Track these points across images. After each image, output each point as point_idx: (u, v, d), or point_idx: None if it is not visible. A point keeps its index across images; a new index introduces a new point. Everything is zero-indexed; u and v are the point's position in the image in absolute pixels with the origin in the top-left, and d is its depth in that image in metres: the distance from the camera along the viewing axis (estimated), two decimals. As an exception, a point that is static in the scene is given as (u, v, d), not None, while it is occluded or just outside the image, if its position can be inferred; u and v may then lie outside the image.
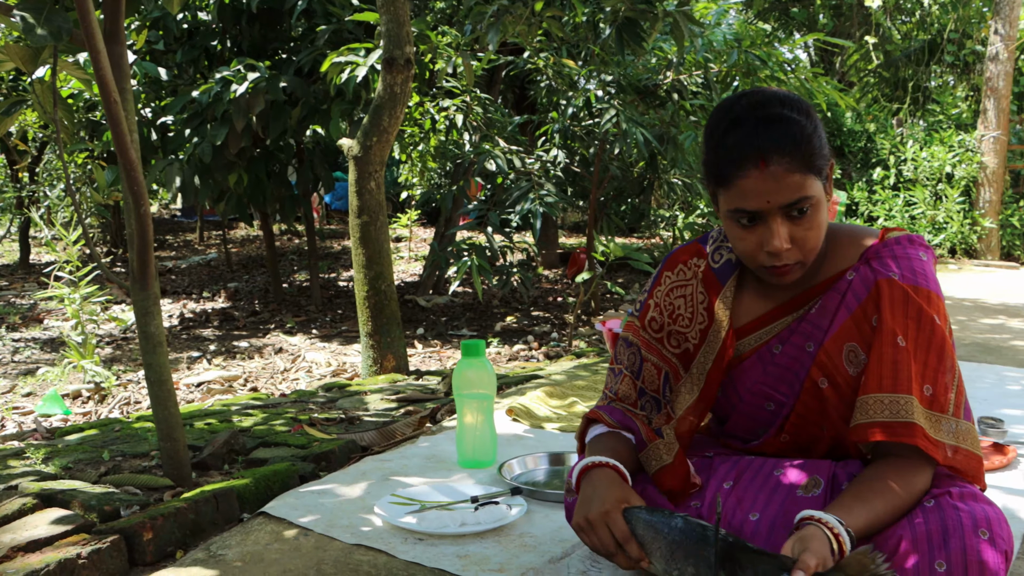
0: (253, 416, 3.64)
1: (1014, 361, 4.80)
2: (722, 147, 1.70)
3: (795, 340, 1.84)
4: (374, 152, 4.46)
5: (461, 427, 2.78)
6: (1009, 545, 1.61)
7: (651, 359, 1.96)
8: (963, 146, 10.19)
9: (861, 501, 1.63)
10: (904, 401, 1.69)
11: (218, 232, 13.14)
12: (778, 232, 1.69)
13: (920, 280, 1.76)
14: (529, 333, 6.46)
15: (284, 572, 2.06)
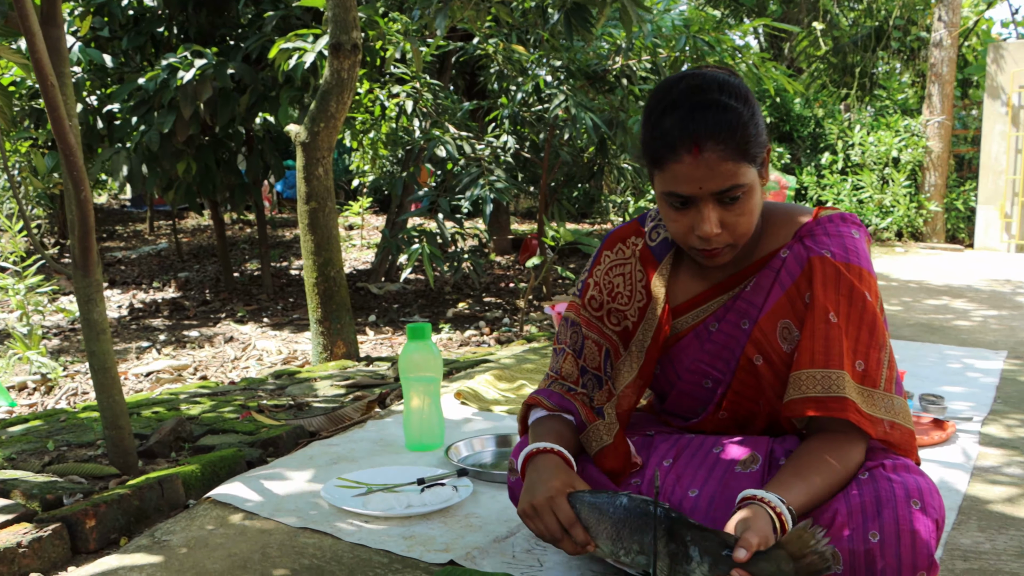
0: (201, 404, 3.63)
1: (956, 340, 4.89)
2: (657, 129, 1.71)
3: (731, 318, 1.87)
4: (322, 138, 4.44)
5: (408, 410, 2.80)
6: (940, 514, 1.66)
7: (592, 337, 1.98)
8: (909, 131, 10.34)
9: (800, 478, 1.66)
10: (836, 376, 1.72)
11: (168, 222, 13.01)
12: (709, 217, 1.71)
13: (852, 257, 1.79)
14: (481, 319, 6.48)
15: (229, 556, 2.06)
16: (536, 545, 2.11)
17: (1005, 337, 5.00)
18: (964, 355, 4.42)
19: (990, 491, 2.52)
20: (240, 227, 12.46)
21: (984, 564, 2.04)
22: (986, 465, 2.76)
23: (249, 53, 6.23)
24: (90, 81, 6.78)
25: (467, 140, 5.86)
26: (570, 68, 5.96)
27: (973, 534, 2.21)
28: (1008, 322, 5.52)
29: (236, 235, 11.65)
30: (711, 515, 1.77)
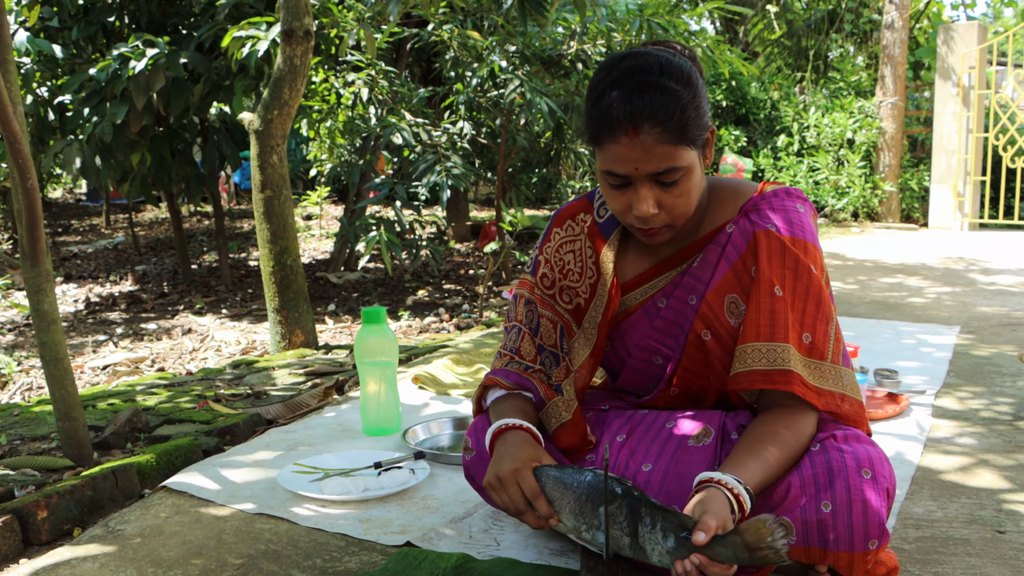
0: (158, 395, 3.60)
1: (910, 316, 4.95)
2: (597, 108, 1.70)
3: (679, 294, 1.88)
4: (275, 126, 4.41)
5: (364, 395, 2.79)
6: (891, 483, 1.68)
7: (546, 315, 1.97)
8: (863, 112, 10.43)
9: (754, 455, 1.68)
10: (781, 349, 1.73)
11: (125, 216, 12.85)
12: (645, 198, 1.71)
13: (797, 231, 1.80)
14: (440, 306, 6.47)
15: (184, 544, 2.05)
16: (494, 524, 2.11)
17: (958, 313, 5.07)
18: (918, 331, 4.48)
19: (943, 461, 2.56)
20: (198, 219, 12.34)
21: (936, 531, 2.06)
22: (939, 436, 2.80)
23: (202, 42, 6.16)
24: (40, 72, 6.68)
25: (423, 127, 5.84)
26: (525, 53, 5.95)
27: (926, 503, 2.24)
28: (961, 298, 5.60)
29: (194, 227, 11.54)
30: (664, 489, 1.78)
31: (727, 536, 1.48)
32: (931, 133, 10.03)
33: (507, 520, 2.13)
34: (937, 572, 1.85)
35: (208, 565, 1.94)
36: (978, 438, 2.77)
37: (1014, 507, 2.21)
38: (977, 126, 9.35)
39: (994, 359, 3.86)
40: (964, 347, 4.12)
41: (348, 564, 1.94)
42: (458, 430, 2.79)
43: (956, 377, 3.55)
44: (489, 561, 1.89)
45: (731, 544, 1.47)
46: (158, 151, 6.73)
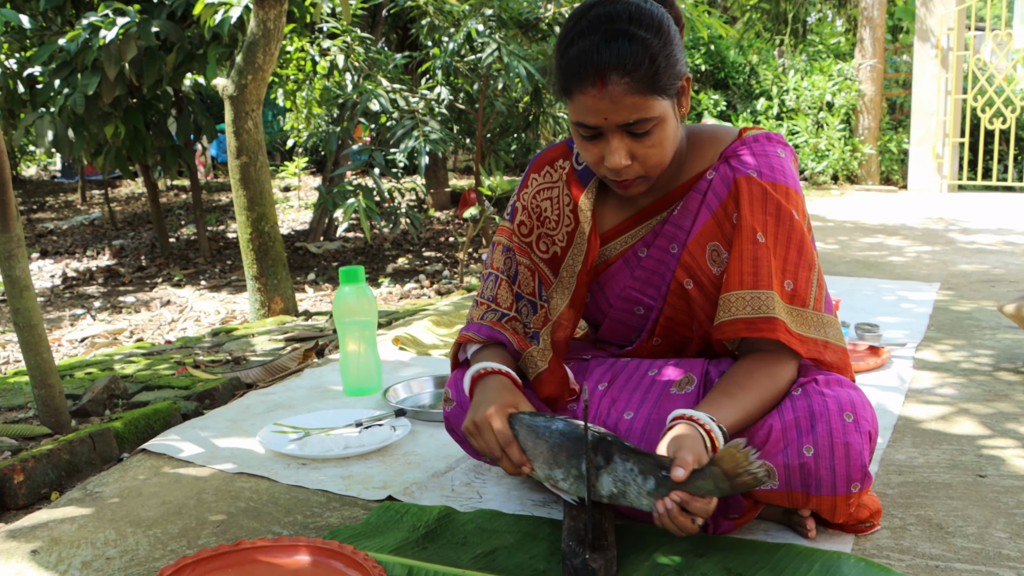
0: (136, 363, 3.57)
1: (891, 274, 4.96)
2: (564, 58, 1.66)
3: (659, 243, 1.86)
4: (250, 91, 4.36)
5: (344, 355, 2.77)
6: (873, 426, 1.67)
7: (524, 262, 1.94)
8: (842, 75, 10.41)
9: (730, 397, 1.66)
10: (765, 296, 1.72)
11: (100, 192, 12.73)
12: (616, 150, 1.67)
13: (778, 176, 1.78)
14: (421, 273, 6.44)
15: (163, 504, 2.03)
16: (476, 478, 2.10)
17: (938, 271, 5.08)
18: (899, 288, 4.48)
19: (924, 411, 2.56)
20: (175, 193, 12.24)
21: (918, 477, 2.06)
22: (920, 387, 2.80)
23: (174, 10, 6.07)
24: (8, 44, 6.58)
25: (400, 93, 5.78)
26: (502, 17, 5.89)
27: (907, 450, 2.24)
28: (941, 256, 5.61)
29: (171, 201, 11.45)
30: (647, 436, 1.77)
31: (705, 468, 1.47)
32: (910, 95, 10.02)
33: (489, 473, 2.12)
34: (920, 515, 1.85)
35: (188, 524, 1.92)
36: (958, 388, 2.78)
37: (994, 452, 2.21)
38: (956, 88, 9.35)
39: (973, 314, 3.86)
40: (944, 303, 4.12)
41: (330, 519, 1.92)
42: (439, 388, 2.78)
43: (936, 331, 3.56)
44: (471, 513, 1.88)
45: (710, 475, 1.47)
46: (132, 123, 6.65)
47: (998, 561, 1.65)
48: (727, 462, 1.47)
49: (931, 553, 1.68)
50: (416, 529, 1.80)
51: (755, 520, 1.82)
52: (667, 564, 1.63)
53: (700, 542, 1.71)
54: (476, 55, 5.78)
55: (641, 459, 1.54)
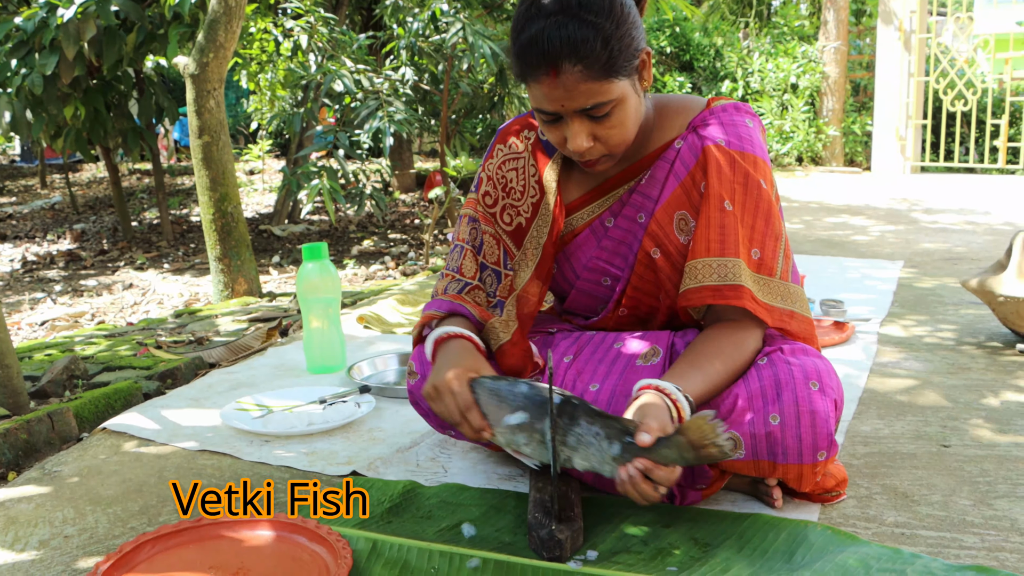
0: (97, 344, 3.52)
1: (855, 253, 4.99)
2: (518, 44, 1.64)
3: (627, 212, 1.84)
4: (211, 69, 4.30)
5: (308, 332, 2.74)
6: (839, 394, 1.67)
7: (489, 231, 1.92)
8: (806, 57, 10.43)
9: (695, 367, 1.65)
10: (732, 264, 1.71)
11: (61, 176, 12.56)
12: (577, 133, 1.66)
13: (746, 146, 1.77)
14: (386, 255, 6.40)
15: (124, 482, 2.00)
16: (441, 452, 2.08)
17: (901, 249, 5.11)
18: (863, 266, 4.51)
19: (888, 384, 2.57)
20: (138, 177, 12.09)
21: (883, 447, 2.07)
22: (884, 361, 2.82)
23: (133, -12, 5.98)
24: (-37, 23, 6.45)
25: (364, 73, 5.73)
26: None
27: (873, 422, 2.25)
28: (904, 236, 5.65)
29: (134, 185, 11.31)
30: (612, 408, 1.76)
31: (671, 437, 1.46)
32: (873, 78, 10.06)
33: (455, 448, 2.11)
34: (885, 484, 1.86)
35: (148, 501, 1.89)
36: (922, 362, 2.79)
37: (958, 423, 2.22)
38: (918, 70, 9.38)
39: (937, 290, 3.89)
40: (908, 280, 4.15)
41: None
42: (403, 366, 2.76)
43: (900, 307, 3.58)
44: (437, 487, 1.86)
45: (675, 445, 1.45)
46: (92, 104, 6.55)
47: (962, 528, 1.65)
48: (693, 433, 1.46)
49: (897, 521, 1.69)
50: (381, 503, 1.78)
51: (722, 491, 1.82)
52: (634, 534, 1.63)
53: (667, 512, 1.70)
54: (441, 35, 5.73)
55: (607, 423, 1.53)
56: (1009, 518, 1.69)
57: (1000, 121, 9.02)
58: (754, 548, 1.56)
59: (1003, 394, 2.45)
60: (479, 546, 1.60)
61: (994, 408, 2.33)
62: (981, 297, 2.97)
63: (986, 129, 9.20)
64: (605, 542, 1.60)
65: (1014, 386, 2.52)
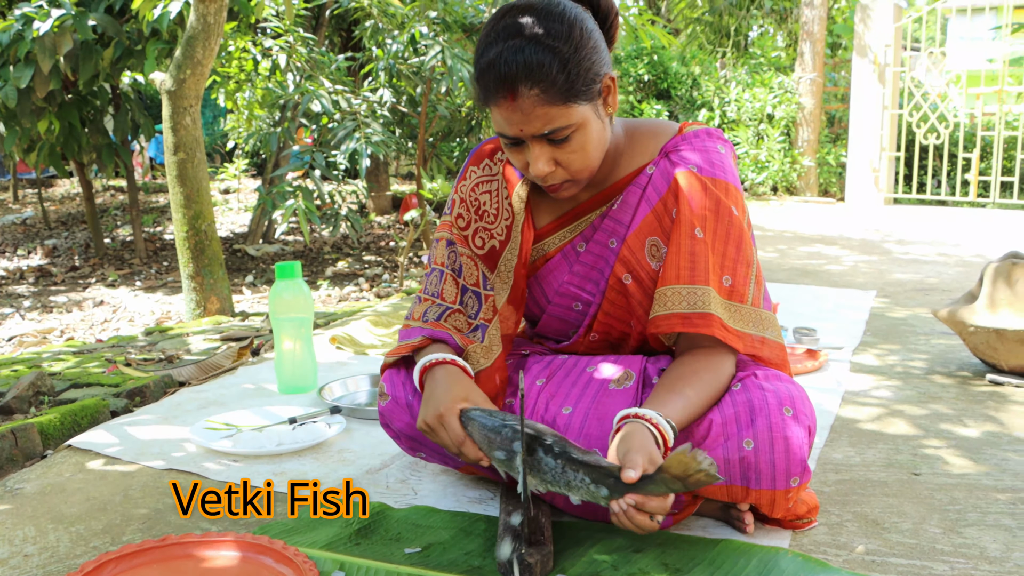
0: (65, 361, 3.47)
1: (828, 282, 5.01)
2: (478, 68, 1.63)
3: (598, 237, 1.84)
4: (188, 86, 4.28)
5: (280, 353, 2.71)
6: (812, 420, 1.67)
7: (466, 253, 1.90)
8: (783, 88, 10.53)
9: (675, 393, 1.64)
10: (701, 292, 1.70)
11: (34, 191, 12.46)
12: (538, 157, 1.65)
13: (718, 172, 1.77)
14: (360, 276, 6.38)
15: (88, 500, 1.97)
16: (411, 475, 2.06)
17: (874, 279, 5.14)
18: (836, 295, 4.53)
19: (860, 412, 2.58)
20: (111, 194, 12.01)
21: (855, 475, 2.07)
22: (856, 389, 2.82)
23: (111, 3, 5.96)
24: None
25: (342, 94, 5.73)
26: (446, 20, 5.87)
27: (845, 449, 2.25)
28: (877, 266, 5.68)
29: (107, 202, 11.23)
30: (584, 432, 1.75)
31: (655, 475, 1.45)
32: (848, 110, 10.17)
33: (425, 470, 2.09)
34: (856, 511, 1.85)
35: (112, 520, 1.86)
36: (894, 391, 2.80)
37: (929, 451, 2.23)
38: (892, 103, 9.49)
39: (908, 320, 3.91)
40: (880, 309, 4.17)
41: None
42: (375, 387, 2.73)
43: (872, 336, 3.59)
44: (406, 510, 1.84)
45: (661, 480, 1.44)
46: (67, 118, 6.52)
47: (932, 555, 1.65)
48: (676, 468, 1.46)
49: (867, 548, 1.68)
50: (349, 524, 1.76)
51: (693, 516, 1.81)
52: (604, 559, 1.61)
53: (637, 537, 1.69)
54: (420, 58, 5.74)
55: (590, 470, 1.50)
56: (979, 546, 1.69)
57: (971, 155, 9.13)
58: (725, 574, 1.55)
59: (973, 423, 2.46)
60: (448, 570, 1.58)
61: (964, 437, 2.34)
62: (952, 327, 2.98)
63: (958, 163, 9.32)
64: (575, 566, 1.59)
65: (984, 415, 2.53)
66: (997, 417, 2.53)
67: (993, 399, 2.71)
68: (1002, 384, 2.87)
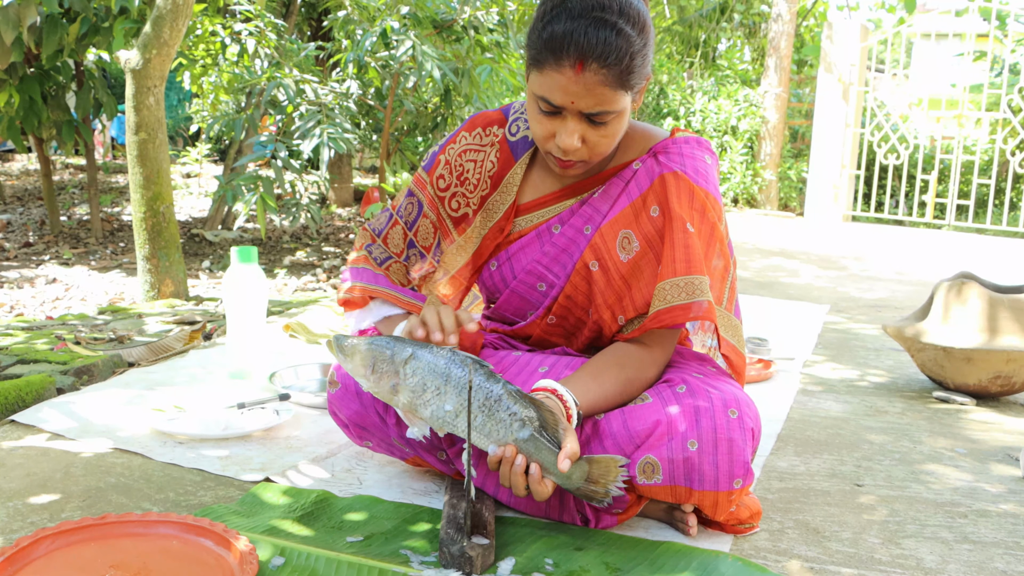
0: (13, 336, 3.42)
1: (783, 295, 5.06)
2: (547, 31, 1.64)
3: (574, 222, 1.86)
4: (153, 65, 4.24)
5: (231, 336, 2.69)
6: (756, 424, 1.69)
7: (431, 217, 1.95)
8: (748, 100, 10.62)
9: (596, 380, 1.70)
10: (698, 281, 1.74)
11: (-9, 165, 12.29)
12: (572, 132, 1.68)
13: (701, 181, 1.80)
14: (319, 267, 6.35)
15: (28, 475, 1.94)
16: (357, 464, 2.06)
17: (829, 294, 5.20)
18: (790, 307, 4.57)
19: (807, 422, 2.61)
20: (71, 172, 11.86)
21: (799, 484, 2.09)
22: (805, 400, 2.85)
23: (79, -21, 5.87)
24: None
25: (309, 83, 5.69)
26: (417, 15, 5.85)
27: (790, 458, 2.27)
28: (833, 281, 5.75)
29: (66, 180, 11.08)
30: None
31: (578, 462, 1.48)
32: (811, 126, 10.26)
33: (371, 460, 2.08)
34: (798, 519, 1.87)
35: (52, 497, 1.84)
36: (842, 403, 2.84)
37: (872, 464, 2.26)
38: (855, 121, 9.59)
39: (860, 335, 3.96)
40: (832, 324, 4.22)
41: (203, 498, 1.86)
42: (325, 376, 2.71)
43: (824, 349, 3.63)
44: (350, 499, 1.83)
45: (577, 467, 1.47)
46: (28, 92, 6.42)
47: (870, 565, 1.67)
48: (598, 468, 1.50)
49: (807, 555, 1.70)
50: (292, 511, 1.75)
51: (637, 517, 1.82)
52: (546, 556, 1.62)
53: (580, 535, 1.70)
54: (390, 51, 5.72)
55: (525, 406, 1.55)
56: (915, 557, 1.71)
57: (930, 177, 9.26)
58: (666, 575, 1.56)
59: (917, 438, 2.50)
60: (389, 560, 1.58)
61: (907, 451, 2.37)
62: (902, 343, 3.02)
63: (916, 184, 9.45)
64: (516, 562, 1.59)
65: (929, 431, 2.57)
66: (941, 433, 2.57)
67: (938, 415, 2.75)
68: (948, 401, 2.91)
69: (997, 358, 2.81)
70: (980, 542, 1.81)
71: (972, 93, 9.89)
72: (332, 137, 5.17)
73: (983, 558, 1.73)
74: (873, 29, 10.37)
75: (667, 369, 1.86)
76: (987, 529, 1.88)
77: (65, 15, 5.89)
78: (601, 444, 1.71)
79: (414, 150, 6.88)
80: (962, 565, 1.69)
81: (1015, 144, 8.67)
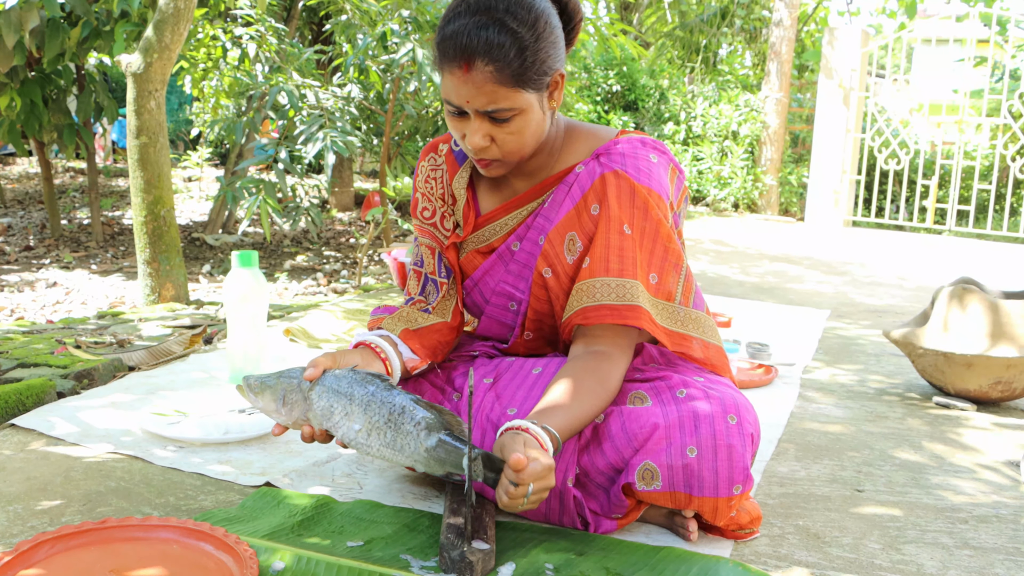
0: (13, 340, 3.42)
1: (784, 300, 5.07)
2: (440, 35, 1.68)
3: (531, 235, 1.88)
4: (155, 69, 4.24)
5: (231, 340, 2.69)
6: (755, 429, 1.69)
7: (425, 242, 1.99)
8: (748, 106, 10.61)
9: (561, 406, 1.65)
10: (630, 285, 1.74)
11: (-8, 168, 12.29)
12: (475, 131, 1.70)
13: (643, 179, 1.78)
14: (319, 271, 6.35)
15: (28, 480, 1.94)
16: (357, 469, 2.06)
17: (830, 299, 5.20)
18: (791, 313, 4.57)
19: (808, 427, 2.60)
20: (71, 176, 11.86)
21: (799, 489, 2.09)
22: (805, 405, 2.85)
23: (81, -17, 5.89)
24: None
25: (310, 88, 5.69)
26: (418, 19, 5.85)
27: (790, 463, 2.27)
28: (833, 286, 5.75)
29: (67, 183, 11.09)
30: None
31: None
32: (812, 131, 10.26)
33: (371, 465, 2.08)
34: (798, 525, 1.87)
35: (52, 501, 1.83)
36: (842, 408, 2.84)
37: (872, 470, 2.26)
38: (856, 127, 9.59)
39: (860, 340, 3.96)
40: (833, 329, 4.22)
41: (203, 503, 1.86)
42: (328, 381, 2.72)
43: (824, 354, 3.63)
44: (350, 503, 1.83)
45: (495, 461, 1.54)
46: (29, 96, 6.43)
47: (871, 570, 1.67)
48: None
49: (807, 561, 1.70)
50: (292, 516, 1.75)
51: (637, 522, 1.82)
52: (546, 561, 1.62)
53: (580, 540, 1.70)
54: (390, 55, 5.72)
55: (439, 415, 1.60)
56: (916, 563, 1.71)
57: (930, 182, 9.26)
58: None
59: (917, 443, 2.49)
60: (389, 564, 1.58)
61: (908, 457, 2.37)
62: (902, 349, 3.02)
63: (916, 189, 9.45)
64: (517, 567, 1.59)
65: (929, 436, 2.57)
66: (941, 439, 2.57)
67: (938, 421, 2.75)
68: (948, 407, 2.91)
69: (998, 364, 2.81)
70: (981, 548, 1.81)
71: (973, 98, 9.90)
72: (335, 141, 5.17)
73: (983, 564, 1.73)
74: (874, 34, 10.38)
75: (667, 369, 1.86)
76: (987, 535, 1.88)
77: (66, 19, 5.90)
78: (600, 447, 1.71)
79: (415, 154, 6.89)
80: (963, 571, 1.69)
81: (1015, 149, 8.67)
